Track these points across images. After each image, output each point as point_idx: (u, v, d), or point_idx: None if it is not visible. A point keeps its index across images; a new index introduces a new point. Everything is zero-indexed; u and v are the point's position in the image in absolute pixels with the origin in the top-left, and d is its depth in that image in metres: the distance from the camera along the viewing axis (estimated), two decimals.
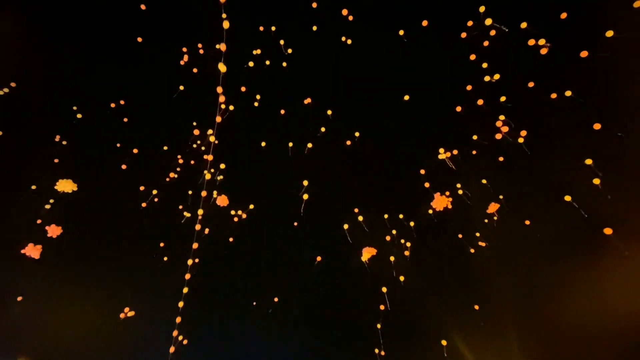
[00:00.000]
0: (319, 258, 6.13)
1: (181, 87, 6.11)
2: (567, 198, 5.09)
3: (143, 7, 5.77)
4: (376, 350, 5.86)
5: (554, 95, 5.13)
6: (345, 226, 5.87)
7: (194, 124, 6.23)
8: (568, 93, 4.86)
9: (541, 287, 5.61)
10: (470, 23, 5.39)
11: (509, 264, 5.78)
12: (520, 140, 5.30)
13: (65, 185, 5.68)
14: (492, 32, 5.24)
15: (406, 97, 5.71)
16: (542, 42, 4.95)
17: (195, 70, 6.03)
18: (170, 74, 6.08)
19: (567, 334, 5.40)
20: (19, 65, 5.68)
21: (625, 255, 4.86)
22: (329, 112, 5.92)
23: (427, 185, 5.76)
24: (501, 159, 5.60)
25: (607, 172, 4.84)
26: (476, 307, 5.73)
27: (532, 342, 5.53)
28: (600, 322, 5.19)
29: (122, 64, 6.14)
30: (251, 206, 6.23)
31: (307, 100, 6.05)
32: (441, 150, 5.66)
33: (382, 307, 5.77)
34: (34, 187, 5.81)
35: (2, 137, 5.65)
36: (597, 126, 4.79)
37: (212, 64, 5.68)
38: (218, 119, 5.37)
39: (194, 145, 6.27)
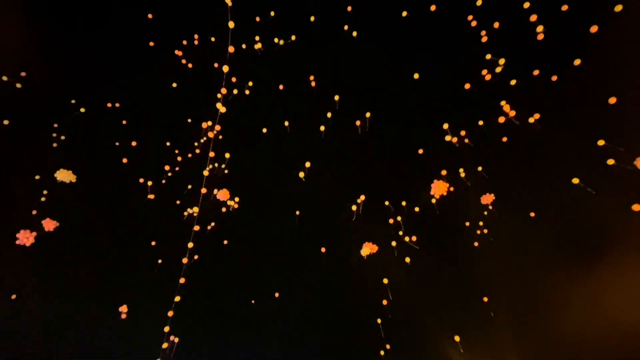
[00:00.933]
0: (323, 249, 5.94)
1: (174, 84, 6.18)
2: (575, 180, 4.91)
3: (150, 16, 6.05)
4: (382, 353, 5.56)
5: (554, 78, 5.10)
6: (354, 207, 5.71)
7: (189, 120, 6.24)
8: (577, 62, 4.74)
9: (546, 285, 5.34)
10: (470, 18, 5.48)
11: (512, 256, 5.55)
12: (531, 120, 5.16)
13: (65, 175, 5.67)
14: (496, 25, 5.28)
15: (416, 76, 5.62)
16: (539, 29, 4.98)
17: (190, 65, 6.12)
18: (171, 71, 6.17)
19: (575, 335, 5.11)
20: (23, 61, 5.84)
21: None
22: (337, 97, 5.84)
23: (444, 173, 5.59)
24: (505, 139, 5.48)
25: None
26: (485, 299, 5.43)
27: (535, 341, 5.21)
28: (613, 321, 4.86)
29: (122, 62, 6.26)
30: (236, 199, 6.11)
31: (311, 78, 6.04)
32: (445, 125, 5.54)
33: (384, 302, 5.52)
34: (37, 177, 5.81)
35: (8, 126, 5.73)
36: (612, 100, 4.62)
37: (213, 59, 5.86)
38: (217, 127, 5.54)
39: (196, 144, 6.29)
